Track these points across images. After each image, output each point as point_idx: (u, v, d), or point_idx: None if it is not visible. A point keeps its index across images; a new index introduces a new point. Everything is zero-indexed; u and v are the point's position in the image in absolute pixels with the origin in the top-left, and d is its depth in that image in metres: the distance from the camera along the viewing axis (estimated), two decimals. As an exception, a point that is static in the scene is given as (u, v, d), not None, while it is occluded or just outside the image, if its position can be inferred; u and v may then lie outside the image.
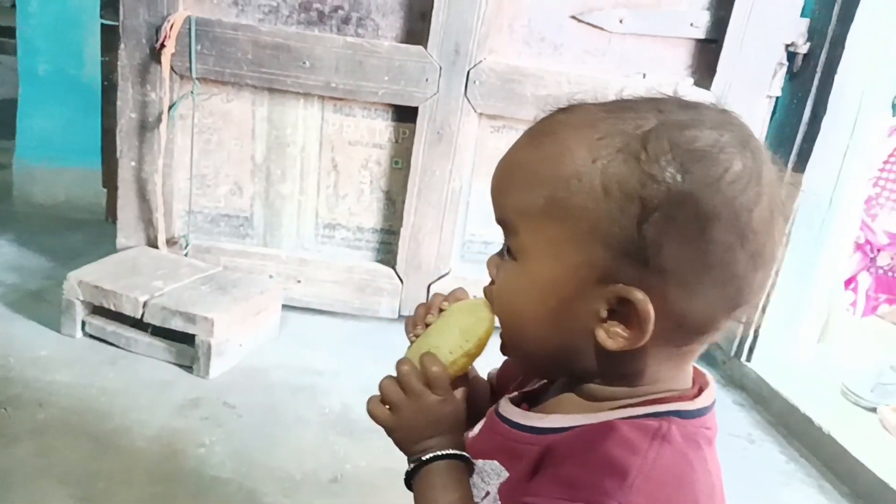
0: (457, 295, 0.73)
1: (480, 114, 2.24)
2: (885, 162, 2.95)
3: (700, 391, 0.62)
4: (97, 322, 2.05)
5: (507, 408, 0.68)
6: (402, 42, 2.20)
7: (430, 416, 0.67)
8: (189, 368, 2.00)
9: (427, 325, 0.72)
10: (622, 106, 0.58)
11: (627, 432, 0.56)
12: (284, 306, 2.33)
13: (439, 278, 2.39)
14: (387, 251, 2.43)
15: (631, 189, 0.53)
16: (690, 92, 2.15)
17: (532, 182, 0.57)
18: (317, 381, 2.08)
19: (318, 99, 2.25)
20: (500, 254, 0.64)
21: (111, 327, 2.04)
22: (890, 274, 3.27)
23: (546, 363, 0.64)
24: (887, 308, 3.29)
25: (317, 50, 2.16)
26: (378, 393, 0.69)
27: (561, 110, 0.60)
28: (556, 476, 0.57)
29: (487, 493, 0.65)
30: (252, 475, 1.65)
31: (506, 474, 0.64)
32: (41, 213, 2.84)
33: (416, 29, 2.19)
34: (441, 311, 0.72)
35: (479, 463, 0.67)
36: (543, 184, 0.56)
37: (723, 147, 0.54)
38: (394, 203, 2.38)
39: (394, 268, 2.39)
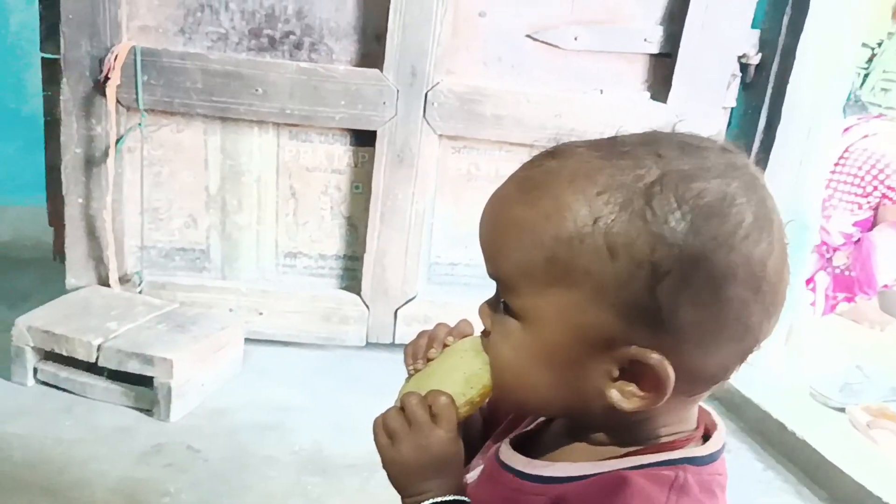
0: (462, 329, 0.69)
1: (440, 135, 2.21)
2: (836, 164, 3.01)
3: (706, 432, 0.60)
4: (49, 368, 1.95)
5: (509, 454, 0.64)
6: (357, 66, 2.17)
7: (433, 454, 0.62)
8: (149, 412, 1.91)
9: (429, 360, 0.68)
10: (617, 151, 0.54)
11: (644, 486, 0.53)
12: (247, 340, 2.24)
13: (406, 303, 2.34)
14: (351, 278, 2.37)
15: (639, 253, 0.50)
16: (651, 110, 2.18)
17: (530, 242, 0.53)
18: (285, 418, 2.00)
19: (274, 126, 2.20)
20: (492, 304, 0.60)
21: (64, 373, 1.94)
22: (846, 273, 3.33)
23: (550, 416, 0.62)
24: (846, 306, 3.35)
25: (270, 76, 2.11)
26: (383, 416, 0.65)
27: (550, 156, 0.56)
28: None
29: None
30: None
31: None
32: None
33: (371, 52, 2.15)
34: (445, 345, 0.68)
35: None
36: (543, 245, 0.53)
37: (733, 199, 0.51)
38: (356, 228, 2.33)
39: (359, 294, 2.34)
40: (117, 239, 2.18)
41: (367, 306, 2.34)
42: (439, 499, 0.62)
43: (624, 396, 0.54)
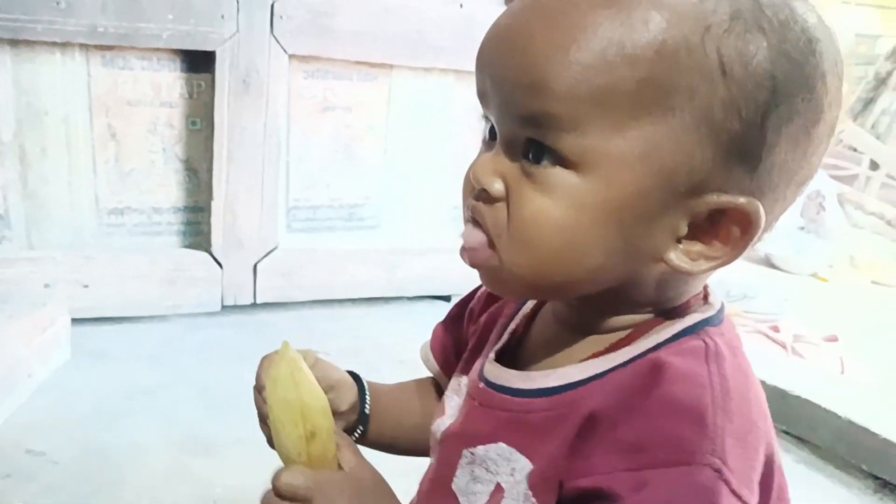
0: (270, 375, 0.53)
1: (291, 55, 1.93)
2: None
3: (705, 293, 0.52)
4: None
5: (497, 372, 0.54)
6: (183, -28, 1.81)
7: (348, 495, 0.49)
8: (-40, 418, 1.47)
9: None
10: None
11: (680, 364, 0.44)
12: (73, 321, 1.82)
13: (266, 255, 2.04)
14: (196, 232, 2.02)
15: (760, 68, 0.41)
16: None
17: (617, 60, 0.41)
18: (143, 401, 1.65)
19: (81, 49, 1.77)
20: (510, 154, 0.46)
21: None
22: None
23: (588, 292, 0.49)
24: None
25: (71, -15, 1.69)
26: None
27: None
28: (613, 444, 0.43)
29: (497, 486, 0.50)
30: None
31: (519, 457, 0.49)
32: None
33: (200, -46, 1.81)
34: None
35: (478, 450, 0.52)
36: (635, 60, 0.41)
37: (824, 24, 0.44)
38: (196, 173, 1.98)
39: (208, 251, 1.99)
40: None
41: (218, 264, 2.00)
42: None
43: (690, 258, 0.45)
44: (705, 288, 0.52)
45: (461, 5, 2.10)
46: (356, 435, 0.67)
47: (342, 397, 0.65)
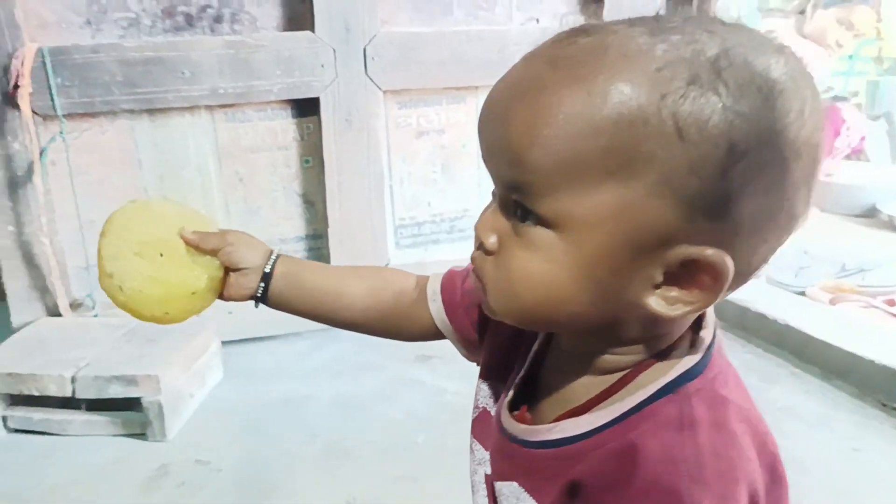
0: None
1: (385, 91, 2.12)
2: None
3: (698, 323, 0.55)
4: (19, 413, 1.76)
5: (510, 423, 0.58)
6: (286, 30, 2.03)
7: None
8: (141, 436, 1.76)
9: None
10: (662, 27, 0.46)
11: (654, 448, 0.48)
12: (222, 343, 2.11)
13: (379, 271, 2.26)
14: (318, 256, 2.26)
15: (716, 130, 0.43)
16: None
17: (582, 129, 0.44)
18: (287, 411, 1.90)
19: (207, 109, 2.04)
20: (505, 214, 0.51)
21: (38, 415, 1.76)
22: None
23: (575, 332, 0.55)
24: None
25: (193, 56, 1.95)
26: None
27: (581, 33, 0.47)
28: None
29: None
30: (262, 529, 1.48)
31: (527, 497, 0.55)
32: None
33: (298, 13, 2.02)
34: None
35: (497, 485, 0.58)
36: (597, 131, 0.44)
37: (795, 76, 0.46)
38: (313, 205, 2.22)
39: (329, 272, 2.23)
40: (59, 262, 1.99)
41: (339, 282, 2.24)
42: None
43: (668, 303, 0.47)
44: (700, 318, 0.54)
45: (538, 20, 2.20)
46: (258, 292, 0.75)
47: (239, 254, 0.73)
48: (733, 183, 0.44)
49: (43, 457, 1.71)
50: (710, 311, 0.55)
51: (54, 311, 2.01)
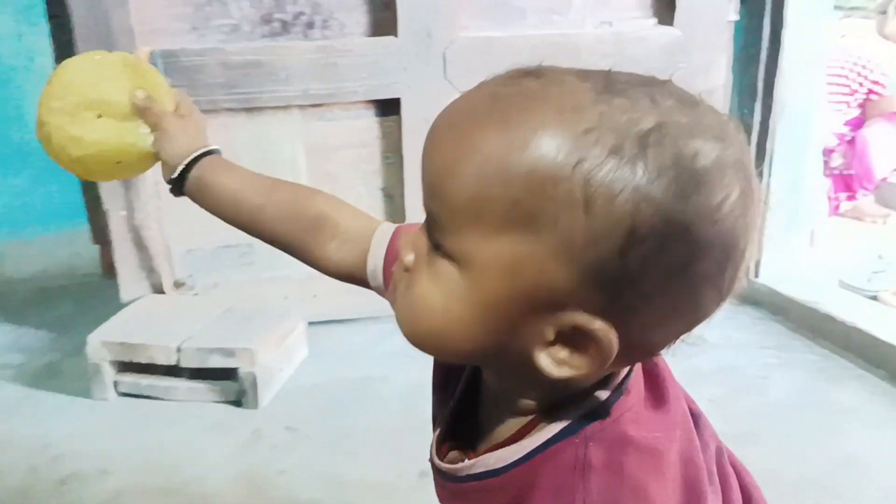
0: None
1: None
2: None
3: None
4: (129, 379, 1.97)
5: (437, 461, 0.60)
6: (371, 36, 2.19)
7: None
8: (237, 403, 1.95)
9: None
10: (611, 86, 0.45)
11: (550, 486, 0.50)
12: (308, 324, 2.28)
13: (453, 262, 2.39)
14: (395, 247, 2.41)
15: (620, 210, 0.42)
16: (659, 34, 2.24)
17: (494, 176, 0.44)
18: (366, 388, 2.05)
19: (299, 109, 2.21)
20: (425, 234, 0.50)
21: (146, 381, 1.96)
22: (844, 172, 3.44)
23: (466, 363, 0.60)
24: (848, 205, 3.48)
25: (288, 60, 2.12)
26: None
27: (530, 75, 0.46)
28: None
29: None
30: (343, 488, 1.63)
31: None
32: (17, 287, 2.69)
33: (383, 19, 2.17)
34: None
35: None
36: (509, 182, 0.43)
37: (725, 168, 0.44)
38: (392, 199, 2.37)
39: (406, 262, 2.37)
40: (165, 246, 2.19)
41: (415, 272, 2.38)
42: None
43: (554, 363, 0.47)
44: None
45: (611, 24, 2.30)
46: (175, 175, 0.81)
47: (164, 143, 0.81)
48: (631, 263, 0.43)
49: (153, 418, 1.91)
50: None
51: (158, 290, 2.22)
